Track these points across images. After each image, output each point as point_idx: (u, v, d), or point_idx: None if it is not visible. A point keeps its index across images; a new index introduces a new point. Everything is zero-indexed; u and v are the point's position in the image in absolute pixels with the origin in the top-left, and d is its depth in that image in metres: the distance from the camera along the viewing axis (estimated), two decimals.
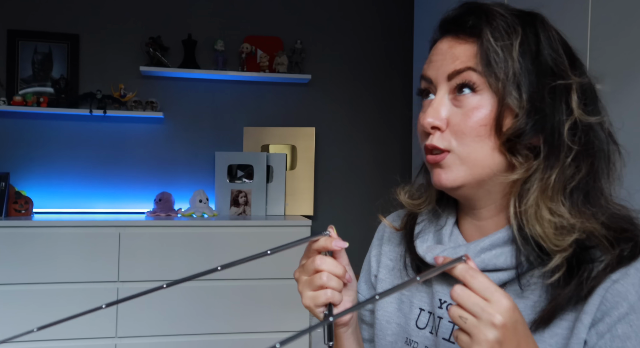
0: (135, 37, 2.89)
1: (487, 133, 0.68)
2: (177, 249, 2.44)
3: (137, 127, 2.90)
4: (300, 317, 2.53)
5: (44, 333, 2.32)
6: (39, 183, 2.80)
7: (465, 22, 0.70)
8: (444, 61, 0.70)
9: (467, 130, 0.68)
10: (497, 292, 0.56)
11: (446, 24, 0.73)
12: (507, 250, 0.69)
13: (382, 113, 3.16)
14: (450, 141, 0.69)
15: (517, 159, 0.67)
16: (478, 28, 0.69)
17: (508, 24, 0.68)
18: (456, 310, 0.57)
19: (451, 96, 0.70)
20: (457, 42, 0.70)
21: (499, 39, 0.67)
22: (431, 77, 0.72)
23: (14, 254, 2.31)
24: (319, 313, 0.69)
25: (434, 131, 0.70)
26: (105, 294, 2.37)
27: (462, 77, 0.68)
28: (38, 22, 2.80)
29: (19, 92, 2.75)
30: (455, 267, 0.58)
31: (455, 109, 0.69)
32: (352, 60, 3.13)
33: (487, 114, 0.67)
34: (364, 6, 3.13)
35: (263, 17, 3.03)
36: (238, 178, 2.87)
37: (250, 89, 3.02)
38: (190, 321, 2.44)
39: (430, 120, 0.69)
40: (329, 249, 0.69)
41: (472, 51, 0.69)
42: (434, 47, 0.74)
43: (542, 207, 0.66)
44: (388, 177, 3.18)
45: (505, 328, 0.55)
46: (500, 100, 0.67)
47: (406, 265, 0.81)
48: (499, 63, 0.66)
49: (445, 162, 0.69)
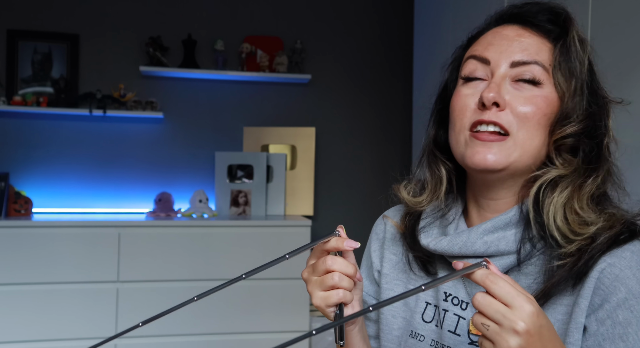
0: (135, 37, 2.88)
1: (545, 125, 0.69)
2: (177, 249, 2.44)
3: (137, 127, 2.90)
4: (300, 317, 2.53)
5: (44, 334, 2.32)
6: (38, 183, 2.80)
7: (540, 17, 0.71)
8: (509, 47, 0.70)
9: (530, 115, 0.68)
10: (519, 297, 0.54)
11: (519, 14, 0.72)
12: (510, 233, 0.70)
13: (382, 113, 3.16)
14: (512, 123, 0.68)
15: (562, 157, 0.69)
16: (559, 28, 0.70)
17: (578, 31, 0.70)
18: (478, 318, 0.56)
19: (512, 82, 0.70)
20: (526, 31, 0.70)
21: (577, 44, 0.69)
22: (490, 59, 0.70)
23: (13, 254, 2.31)
24: (330, 313, 0.69)
25: (492, 107, 0.68)
26: (105, 294, 2.37)
27: (529, 69, 0.68)
28: (38, 22, 2.79)
29: (18, 92, 2.75)
30: (475, 273, 0.56)
31: (517, 92, 0.69)
32: (352, 60, 3.13)
33: (551, 109, 0.69)
34: (364, 6, 3.13)
35: (263, 17, 3.03)
36: (238, 178, 2.87)
37: (250, 89, 3.02)
38: (190, 321, 2.44)
39: (492, 94, 0.67)
40: (341, 250, 0.69)
41: (542, 47, 0.69)
42: (493, 32, 0.73)
43: (569, 207, 0.67)
44: (388, 177, 3.18)
45: (528, 334, 0.54)
46: (564, 102, 0.68)
47: (410, 262, 0.81)
48: (577, 67, 0.68)
49: (501, 145, 0.68)
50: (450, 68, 0.81)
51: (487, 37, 0.73)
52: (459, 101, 0.72)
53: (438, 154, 0.80)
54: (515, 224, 0.70)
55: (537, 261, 0.69)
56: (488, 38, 0.73)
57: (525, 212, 0.70)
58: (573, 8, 0.74)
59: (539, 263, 0.69)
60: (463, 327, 0.74)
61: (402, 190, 0.82)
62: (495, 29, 0.73)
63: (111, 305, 2.38)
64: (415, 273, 0.81)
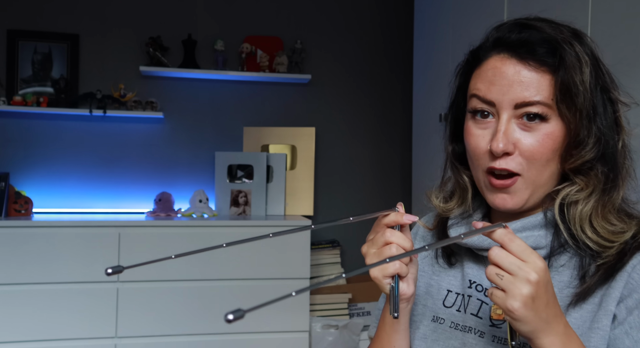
0: (135, 37, 2.88)
1: (554, 158, 0.72)
2: (177, 249, 2.44)
3: (137, 127, 2.90)
4: (301, 317, 2.53)
5: (44, 334, 2.32)
6: (38, 183, 2.80)
7: (538, 50, 0.70)
8: (510, 87, 0.70)
9: (538, 155, 0.71)
10: (533, 254, 0.61)
11: (510, 46, 0.72)
12: (537, 234, 0.74)
13: (382, 113, 3.16)
14: (521, 165, 0.72)
15: (580, 179, 0.72)
16: (554, 58, 0.69)
17: (577, 53, 0.70)
18: (493, 269, 0.62)
19: (518, 120, 0.71)
20: (525, 67, 0.70)
21: (577, 71, 0.69)
22: (494, 101, 0.72)
23: (13, 254, 2.31)
24: (386, 284, 0.72)
25: (503, 156, 0.72)
26: (105, 294, 2.37)
27: (534, 107, 0.70)
28: (38, 22, 2.80)
29: (18, 92, 2.75)
30: (495, 231, 0.63)
31: (523, 133, 0.71)
32: (352, 60, 3.13)
33: (559, 142, 0.71)
34: (364, 6, 3.13)
35: (263, 17, 3.03)
36: (238, 178, 2.87)
37: (250, 89, 3.02)
38: (190, 321, 2.44)
39: (502, 145, 0.70)
40: (400, 223, 0.72)
41: (542, 81, 0.70)
42: (492, 66, 0.73)
43: (595, 220, 0.71)
44: (388, 177, 3.18)
45: (538, 285, 0.60)
46: (572, 132, 0.70)
47: (437, 256, 0.87)
48: (579, 97, 0.68)
49: (514, 188, 0.73)
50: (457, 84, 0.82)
51: (488, 73, 0.73)
52: (471, 141, 0.76)
53: (458, 165, 0.84)
54: (543, 226, 0.74)
55: (569, 261, 0.73)
56: (489, 75, 0.73)
57: (551, 217, 0.74)
58: (573, 8, 0.74)
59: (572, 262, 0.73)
60: (485, 311, 0.78)
61: (434, 198, 0.86)
62: (494, 61, 0.73)
63: (111, 305, 2.38)
64: (440, 265, 0.87)
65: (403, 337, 0.80)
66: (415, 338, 0.83)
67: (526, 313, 0.60)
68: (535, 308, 0.60)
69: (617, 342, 0.67)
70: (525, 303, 0.59)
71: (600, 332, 0.68)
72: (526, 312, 0.60)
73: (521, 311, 0.60)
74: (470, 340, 0.77)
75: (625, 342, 0.67)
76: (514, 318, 0.61)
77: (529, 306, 0.60)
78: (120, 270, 0.61)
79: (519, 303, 0.59)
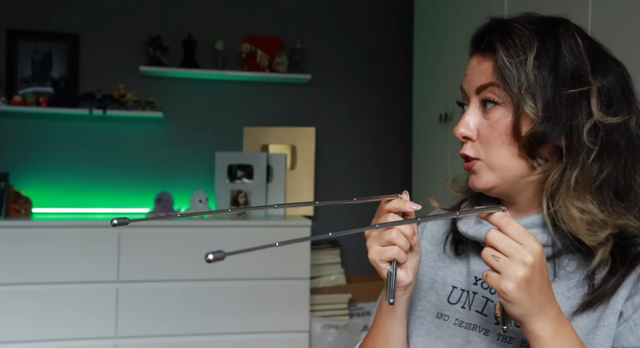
0: (135, 37, 2.88)
1: (508, 141, 0.74)
2: (177, 249, 2.44)
3: (136, 127, 2.90)
4: (301, 317, 2.53)
5: (44, 334, 2.32)
6: (38, 183, 2.80)
7: (485, 40, 0.76)
8: (473, 76, 0.77)
9: (492, 139, 0.75)
10: (529, 238, 0.62)
11: (473, 41, 0.80)
12: (542, 232, 0.74)
13: (382, 113, 3.16)
14: (479, 150, 0.77)
15: (536, 162, 0.73)
16: (494, 46, 0.74)
17: (524, 39, 0.73)
18: (489, 251, 0.63)
19: (482, 109, 0.77)
20: (483, 58, 0.77)
21: (513, 55, 0.72)
22: (465, 90, 0.79)
23: (13, 254, 2.31)
24: (383, 269, 0.72)
25: (466, 140, 0.78)
26: (105, 294, 2.37)
27: (487, 92, 0.75)
28: (38, 22, 2.80)
29: (18, 92, 2.75)
30: (494, 214, 0.64)
31: (484, 120, 0.77)
32: (352, 60, 3.13)
33: (508, 124, 0.74)
34: (364, 6, 3.13)
35: (263, 17, 3.03)
36: (238, 179, 2.87)
37: (250, 88, 3.02)
38: (190, 321, 2.44)
39: (462, 130, 0.77)
40: (402, 210, 0.73)
41: (493, 67, 0.74)
42: (469, 61, 0.80)
43: (570, 207, 0.70)
44: (388, 177, 3.18)
45: (534, 268, 0.60)
46: (516, 110, 0.72)
47: (445, 246, 0.88)
48: (512, 78, 0.72)
49: (476, 168, 0.77)
50: None
51: (466, 68, 0.80)
52: None
53: None
54: (539, 225, 0.75)
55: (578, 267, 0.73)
56: (466, 69, 0.80)
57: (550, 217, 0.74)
58: (573, 8, 0.74)
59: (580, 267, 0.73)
60: (490, 308, 0.79)
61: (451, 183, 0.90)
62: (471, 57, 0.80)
63: (111, 305, 2.37)
64: (446, 254, 0.88)
65: (399, 325, 0.80)
66: (419, 334, 0.83)
67: (520, 295, 0.60)
68: (529, 291, 0.60)
69: (621, 338, 0.67)
70: (520, 285, 0.60)
71: (606, 329, 0.68)
72: (520, 294, 0.60)
73: (515, 293, 0.60)
74: (475, 337, 0.77)
75: (629, 338, 0.67)
76: (507, 300, 0.61)
77: (522, 288, 0.60)
78: (125, 222, 0.62)
79: (513, 285, 0.60)
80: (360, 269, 2.99)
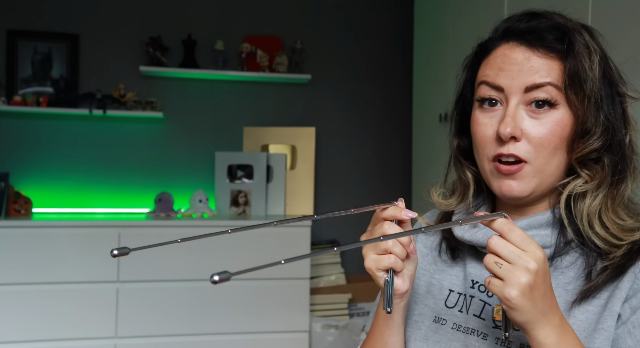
0: (135, 37, 2.88)
1: (562, 147, 0.71)
2: (177, 249, 2.44)
3: (136, 127, 2.90)
4: (301, 317, 2.53)
5: (44, 334, 2.32)
6: (38, 183, 2.80)
7: (547, 36, 0.71)
8: (520, 72, 0.70)
9: (546, 142, 0.70)
10: (532, 244, 0.61)
11: (521, 33, 0.72)
12: (544, 233, 0.73)
13: (382, 112, 3.16)
14: (529, 152, 0.71)
15: (584, 171, 0.71)
16: (563, 44, 0.70)
17: (587, 41, 0.70)
18: (492, 257, 0.62)
19: (527, 107, 0.71)
20: (534, 53, 0.71)
21: (585, 58, 0.69)
22: (503, 86, 0.72)
23: (13, 254, 2.31)
24: (379, 277, 0.71)
25: (510, 140, 0.71)
26: (104, 294, 2.37)
27: (540, 91, 0.69)
28: (38, 22, 2.79)
29: (18, 92, 2.75)
30: (495, 220, 0.62)
31: (532, 120, 0.71)
32: (352, 60, 3.13)
33: (567, 130, 0.70)
34: (364, 6, 3.13)
35: (263, 17, 3.03)
36: (238, 178, 2.87)
37: (250, 88, 3.02)
38: (190, 321, 2.44)
39: (509, 129, 0.70)
40: (397, 218, 0.71)
41: (552, 66, 0.70)
42: (501, 54, 0.73)
43: (605, 215, 0.70)
44: (388, 177, 3.18)
45: (537, 275, 0.60)
46: (580, 119, 0.70)
47: (440, 252, 0.86)
48: (587, 83, 0.68)
49: (520, 174, 0.71)
50: (464, 77, 0.81)
51: (497, 60, 0.73)
52: (478, 130, 0.75)
53: (462, 160, 0.83)
54: (550, 225, 0.74)
55: (575, 262, 0.73)
56: (497, 62, 0.73)
57: (558, 216, 0.73)
58: (573, 8, 0.74)
59: (578, 262, 0.72)
60: (488, 311, 0.77)
61: (433, 193, 0.85)
62: (503, 49, 0.73)
63: (111, 305, 2.37)
64: (442, 259, 0.86)
65: (396, 333, 0.79)
66: (417, 339, 0.82)
67: (523, 302, 0.59)
68: (533, 298, 0.60)
69: (620, 341, 0.67)
70: (523, 292, 0.59)
71: (605, 333, 0.67)
72: (523, 301, 0.59)
73: (518, 299, 0.59)
74: (473, 342, 0.76)
75: (628, 341, 0.66)
76: (510, 307, 0.60)
77: (526, 295, 0.59)
78: (126, 253, 0.62)
79: (517, 292, 0.59)
80: (360, 269, 2.98)
